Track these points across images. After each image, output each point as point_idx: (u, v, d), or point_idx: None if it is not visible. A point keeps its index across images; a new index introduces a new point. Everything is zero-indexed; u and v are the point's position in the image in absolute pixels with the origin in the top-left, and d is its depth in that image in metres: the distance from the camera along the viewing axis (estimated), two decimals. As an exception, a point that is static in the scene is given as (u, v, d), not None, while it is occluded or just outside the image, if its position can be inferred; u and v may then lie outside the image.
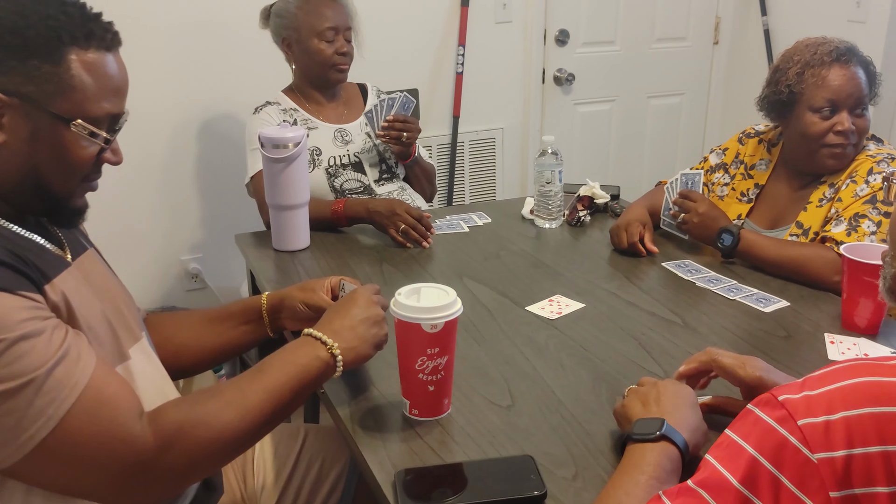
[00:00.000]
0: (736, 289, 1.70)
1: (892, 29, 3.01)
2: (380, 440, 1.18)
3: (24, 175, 1.02)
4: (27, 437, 0.90)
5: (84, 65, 1.01)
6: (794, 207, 1.87)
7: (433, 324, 1.15)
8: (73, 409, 0.93)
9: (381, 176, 2.38)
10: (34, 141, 1.01)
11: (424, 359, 1.17)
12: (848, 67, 1.77)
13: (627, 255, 1.90)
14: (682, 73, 3.72)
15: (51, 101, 1.00)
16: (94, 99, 1.02)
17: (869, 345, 1.45)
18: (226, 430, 1.03)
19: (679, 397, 1.10)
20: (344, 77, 2.34)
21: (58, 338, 0.94)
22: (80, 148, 1.04)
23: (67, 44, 1.00)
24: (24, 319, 0.91)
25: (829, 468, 0.73)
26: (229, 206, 2.94)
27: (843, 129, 1.75)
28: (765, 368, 1.17)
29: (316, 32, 2.25)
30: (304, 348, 1.15)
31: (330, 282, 1.40)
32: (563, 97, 3.50)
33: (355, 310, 1.21)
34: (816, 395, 0.76)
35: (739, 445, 0.78)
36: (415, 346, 1.17)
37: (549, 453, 1.14)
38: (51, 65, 0.99)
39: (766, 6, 3.50)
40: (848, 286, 1.51)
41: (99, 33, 1.03)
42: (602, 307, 1.63)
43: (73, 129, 1.02)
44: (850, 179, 1.76)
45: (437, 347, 1.17)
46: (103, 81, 1.03)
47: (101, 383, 0.96)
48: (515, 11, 3.28)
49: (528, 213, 2.19)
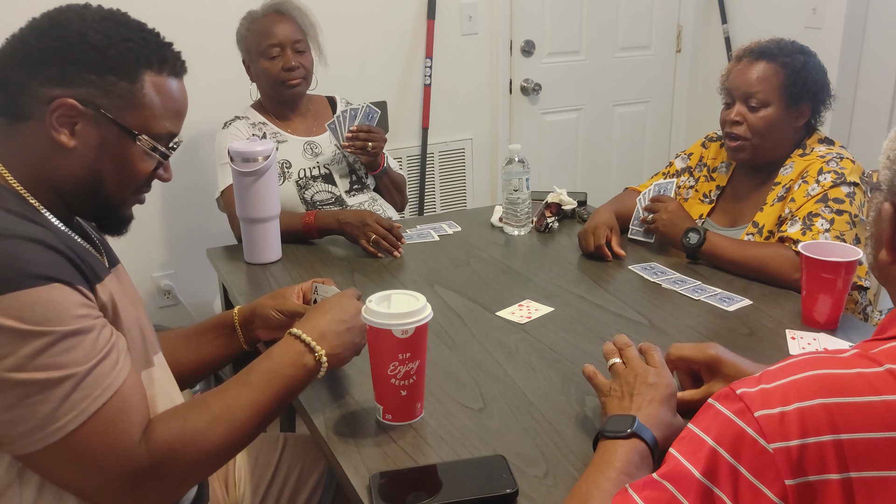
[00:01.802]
0: (700, 289, 1.74)
1: (847, 34, 3.10)
2: (354, 445, 1.20)
3: (86, 180, 1.08)
4: (56, 428, 0.94)
5: (155, 86, 1.09)
6: (751, 207, 1.93)
7: (404, 329, 1.17)
8: (101, 409, 0.97)
9: (352, 187, 2.40)
10: (101, 150, 1.07)
11: (396, 364, 1.19)
12: (752, 64, 1.86)
13: (595, 259, 1.93)
14: (646, 81, 3.78)
15: (121, 114, 1.07)
16: (159, 117, 1.10)
17: (828, 339, 1.50)
18: (214, 447, 1.06)
19: (656, 390, 1.12)
20: (299, 91, 2.32)
21: (104, 338, 0.99)
22: (141, 161, 1.11)
23: (143, 66, 1.07)
24: (78, 315, 0.96)
25: (784, 457, 0.76)
26: (200, 221, 2.93)
27: (728, 118, 1.90)
28: (721, 349, 1.23)
29: (260, 52, 2.26)
30: (289, 356, 1.16)
31: (301, 287, 1.42)
32: (530, 107, 3.55)
33: (343, 315, 1.23)
34: (772, 388, 0.79)
35: (700, 438, 0.81)
36: (386, 351, 1.19)
37: (521, 453, 1.16)
38: (127, 82, 1.06)
39: (725, 14, 3.58)
40: (807, 283, 1.55)
41: (171, 60, 1.11)
42: (570, 310, 1.66)
43: (138, 142, 1.09)
44: (802, 180, 1.82)
45: (408, 352, 1.19)
46: (169, 103, 1.11)
47: (128, 391, 1.01)
48: (481, 23, 3.32)
49: (497, 221, 2.22)
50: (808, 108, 1.86)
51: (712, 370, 1.21)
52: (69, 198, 1.10)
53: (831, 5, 3.11)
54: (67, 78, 1.04)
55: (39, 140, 1.05)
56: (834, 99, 1.90)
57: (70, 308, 0.95)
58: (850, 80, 3.15)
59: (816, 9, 3.16)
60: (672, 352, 1.25)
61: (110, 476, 0.98)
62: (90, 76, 1.04)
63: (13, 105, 1.05)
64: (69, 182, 1.08)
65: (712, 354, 1.21)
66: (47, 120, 1.03)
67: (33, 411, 0.92)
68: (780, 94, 1.83)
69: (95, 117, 1.05)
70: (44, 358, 0.92)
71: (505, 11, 3.33)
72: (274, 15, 2.29)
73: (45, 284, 0.94)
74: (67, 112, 1.04)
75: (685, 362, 1.24)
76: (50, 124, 1.04)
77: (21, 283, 0.92)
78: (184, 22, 2.74)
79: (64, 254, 0.99)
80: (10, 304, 0.91)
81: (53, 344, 0.93)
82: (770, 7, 3.38)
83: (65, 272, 0.97)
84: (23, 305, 0.91)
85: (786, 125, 1.86)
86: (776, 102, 1.84)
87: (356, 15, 3.03)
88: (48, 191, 1.08)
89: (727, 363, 1.20)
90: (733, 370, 1.18)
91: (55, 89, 1.03)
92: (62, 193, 1.09)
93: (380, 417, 1.25)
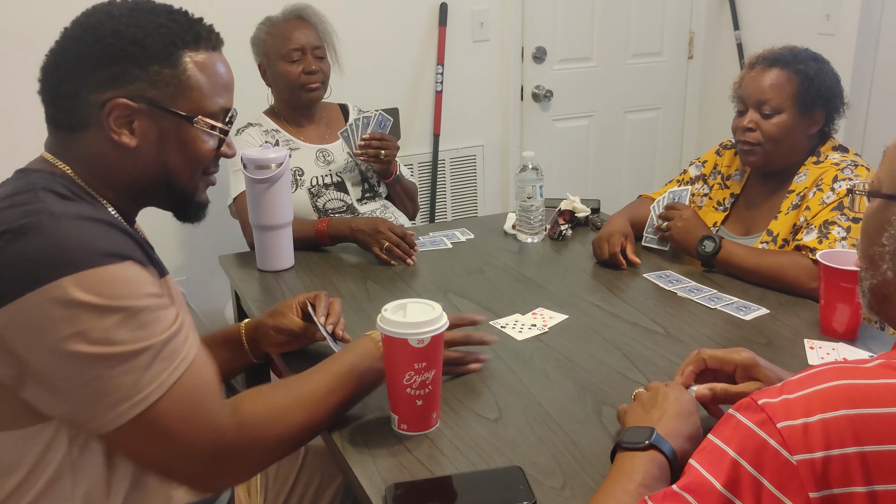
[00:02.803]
0: (716, 298, 1.72)
1: (861, 41, 3.08)
2: (369, 456, 1.19)
3: (155, 173, 1.11)
4: (142, 398, 0.95)
5: (197, 65, 1.09)
6: (765, 215, 1.92)
7: (420, 338, 1.16)
8: (181, 379, 0.99)
9: (364, 195, 2.40)
10: (162, 141, 1.09)
11: (412, 373, 1.18)
12: (765, 71, 1.86)
13: (609, 266, 1.92)
14: (657, 88, 3.77)
15: (173, 102, 1.08)
16: (209, 96, 1.11)
17: (847, 349, 1.48)
18: (297, 427, 1.11)
19: (678, 403, 1.12)
20: (317, 96, 2.34)
21: (172, 314, 1.02)
22: (203, 143, 1.12)
23: (181, 47, 1.08)
24: (150, 293, 0.99)
25: (808, 469, 0.74)
26: (212, 228, 2.91)
27: (740, 125, 1.90)
28: (755, 354, 1.21)
29: (281, 55, 2.27)
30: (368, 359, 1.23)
31: (297, 301, 1.43)
32: (541, 113, 3.54)
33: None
34: (795, 399, 0.78)
35: (721, 449, 0.80)
36: (402, 361, 1.18)
37: (537, 464, 1.15)
38: (169, 69, 1.07)
39: (738, 21, 3.57)
40: (825, 292, 1.54)
41: (205, 35, 1.11)
42: (585, 319, 1.65)
43: (196, 125, 1.10)
44: (817, 188, 1.80)
45: (424, 362, 1.18)
46: (215, 79, 1.12)
47: (201, 365, 1.03)
48: (493, 30, 3.32)
49: (510, 229, 2.21)
50: (822, 115, 1.85)
51: (748, 373, 1.19)
52: (142, 194, 1.13)
53: (845, 12, 3.10)
54: (114, 78, 1.05)
55: (102, 146, 1.07)
56: (847, 107, 1.89)
57: (143, 285, 0.98)
58: (863, 86, 3.13)
59: (830, 15, 3.15)
60: (704, 350, 1.23)
61: (195, 449, 1.00)
62: (135, 71, 1.05)
63: (69, 117, 1.07)
64: (140, 179, 1.10)
65: (749, 356, 1.20)
66: (105, 124, 1.05)
67: (117, 384, 0.94)
68: (793, 101, 1.82)
69: (150, 111, 1.07)
70: (123, 331, 0.94)
71: (516, 18, 3.33)
72: (295, 20, 2.31)
73: (120, 262, 0.96)
74: (122, 112, 1.05)
75: (719, 362, 1.22)
76: (109, 128, 1.05)
77: (97, 260, 0.94)
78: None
79: (135, 238, 1.02)
80: (89, 280, 0.93)
81: (131, 318, 0.95)
82: (783, 13, 3.37)
83: (136, 253, 1.00)
84: (101, 281, 0.94)
85: (799, 132, 1.85)
86: (789, 109, 1.83)
87: (368, 22, 3.03)
88: (117, 192, 1.10)
89: (763, 366, 1.19)
90: (770, 374, 1.17)
91: (105, 92, 1.04)
92: (134, 192, 1.12)
93: (395, 427, 1.24)
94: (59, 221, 0.96)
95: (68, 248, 0.94)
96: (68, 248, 0.94)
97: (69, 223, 0.96)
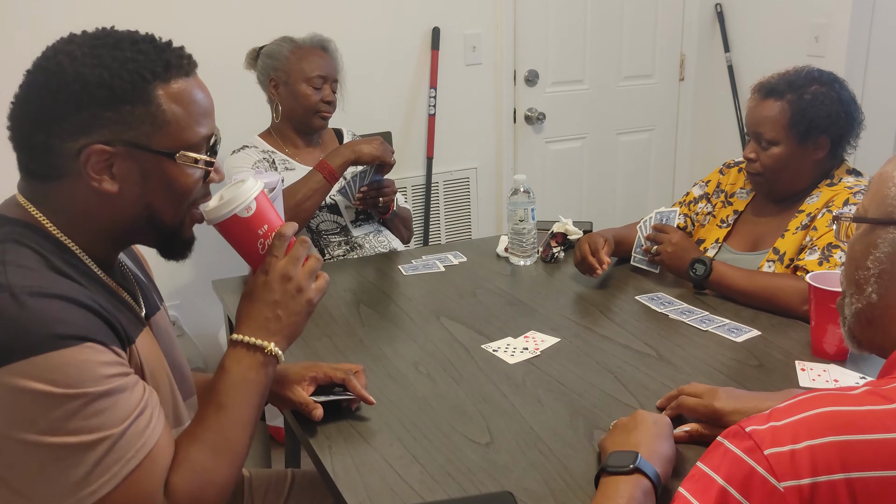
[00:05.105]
0: (708, 319, 1.73)
1: (850, 62, 3.10)
2: (360, 481, 1.18)
3: (139, 214, 1.06)
4: (89, 493, 0.92)
5: (171, 97, 1.03)
6: (772, 233, 1.90)
7: (245, 206, 1.13)
8: (135, 473, 0.95)
9: (358, 217, 2.41)
10: (145, 181, 1.04)
11: (262, 241, 1.15)
12: (760, 102, 1.86)
13: (598, 287, 1.92)
14: (650, 110, 3.79)
15: (151, 139, 1.02)
16: (188, 127, 1.05)
17: (838, 371, 1.48)
18: (225, 478, 1.06)
19: (656, 426, 1.14)
20: (325, 124, 2.41)
21: (136, 396, 0.97)
22: (187, 176, 1.07)
23: (151, 81, 1.01)
24: (110, 375, 0.94)
25: (795, 496, 0.75)
26: (206, 253, 2.92)
27: (744, 155, 1.92)
28: (738, 396, 1.22)
29: (305, 78, 2.32)
30: (243, 363, 1.12)
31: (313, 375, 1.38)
32: (534, 136, 3.56)
33: (270, 295, 1.14)
34: (782, 426, 0.78)
35: (710, 477, 0.80)
36: (246, 237, 1.15)
37: (529, 489, 1.15)
38: (142, 106, 1.01)
39: (728, 43, 3.60)
40: (816, 314, 1.54)
41: (175, 62, 1.05)
42: (577, 342, 1.65)
43: (179, 161, 1.05)
44: (826, 209, 1.79)
45: (264, 225, 1.15)
46: (192, 108, 1.05)
47: (160, 451, 0.99)
48: (485, 53, 3.34)
49: (502, 252, 2.22)
50: (826, 140, 1.82)
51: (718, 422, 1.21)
52: (125, 235, 1.09)
53: (833, 33, 3.13)
54: (86, 125, 0.99)
55: (81, 193, 1.02)
56: (863, 128, 1.86)
57: (102, 368, 0.93)
58: (853, 107, 3.15)
59: (819, 37, 3.18)
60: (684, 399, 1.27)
61: None
62: (106, 114, 1.00)
63: (43, 167, 1.02)
64: (122, 222, 1.06)
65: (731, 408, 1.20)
66: (84, 172, 1.00)
67: (67, 475, 0.91)
68: (787, 133, 1.81)
69: (128, 152, 1.02)
70: (77, 421, 0.91)
71: (508, 41, 3.36)
72: (320, 50, 2.37)
73: (77, 345, 0.92)
74: (100, 158, 1.00)
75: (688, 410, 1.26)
76: (88, 175, 1.01)
77: (51, 344, 0.90)
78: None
79: (97, 312, 0.97)
80: (42, 366, 0.89)
81: (86, 406, 0.91)
82: (772, 36, 3.40)
83: (96, 330, 0.95)
84: (54, 368, 0.90)
85: (800, 160, 1.84)
86: (784, 140, 1.82)
87: (361, 46, 3.05)
88: (97, 237, 1.06)
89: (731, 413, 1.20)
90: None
91: (79, 140, 0.99)
92: (116, 234, 1.07)
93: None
94: (16, 300, 0.91)
95: (22, 332, 0.90)
96: (22, 332, 0.90)
97: (27, 303, 0.91)
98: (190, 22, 2.76)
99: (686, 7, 3.68)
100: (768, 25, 3.41)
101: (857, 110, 1.85)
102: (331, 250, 2.37)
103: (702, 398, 1.23)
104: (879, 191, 0.91)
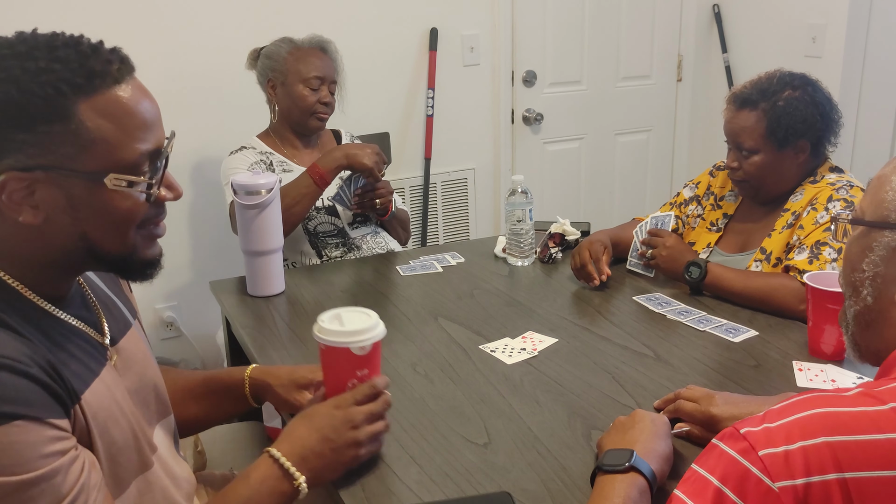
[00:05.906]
0: (705, 320, 1.73)
1: (847, 63, 3.11)
2: (358, 483, 1.18)
3: (74, 245, 0.94)
4: None
5: (97, 112, 0.89)
6: (759, 234, 1.92)
7: (362, 346, 1.15)
8: None
9: (355, 219, 2.41)
10: (74, 210, 0.91)
11: (355, 381, 1.17)
12: (737, 112, 1.87)
13: (596, 288, 1.93)
14: (647, 110, 3.80)
15: (76, 161, 0.89)
16: (122, 144, 0.91)
17: (836, 371, 1.49)
18: None
19: (654, 425, 1.14)
20: (322, 126, 2.40)
21: (71, 479, 0.87)
22: (123, 201, 0.93)
23: (70, 96, 0.87)
24: (45, 455, 0.84)
25: (790, 496, 0.75)
26: (203, 254, 2.94)
27: (727, 163, 1.93)
28: (735, 402, 1.22)
29: (302, 79, 2.31)
30: (267, 483, 1.06)
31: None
32: (532, 136, 3.56)
33: (332, 433, 1.11)
34: (776, 427, 0.79)
35: (705, 479, 0.81)
36: (345, 370, 1.17)
37: (527, 489, 1.15)
38: (60, 124, 0.87)
39: (725, 43, 3.61)
40: (813, 314, 1.54)
41: (101, 70, 0.90)
42: (575, 342, 1.65)
43: (110, 184, 0.91)
44: (811, 207, 1.80)
45: (366, 369, 1.17)
46: (126, 121, 0.91)
47: None
48: (483, 54, 3.35)
49: (500, 252, 2.22)
50: (806, 143, 1.83)
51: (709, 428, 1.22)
52: (68, 267, 0.97)
53: (831, 34, 3.13)
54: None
55: (5, 226, 0.91)
56: (841, 126, 1.87)
57: (33, 448, 0.83)
58: (851, 108, 3.15)
59: (816, 38, 3.18)
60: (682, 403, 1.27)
61: None
62: (19, 136, 0.86)
63: None
64: (58, 254, 0.94)
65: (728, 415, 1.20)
66: (0, 203, 0.89)
67: None
68: (766, 141, 1.82)
69: (49, 178, 0.88)
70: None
71: (506, 42, 3.36)
72: (318, 51, 2.36)
73: (5, 424, 0.81)
74: (16, 186, 0.88)
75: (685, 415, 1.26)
76: (6, 206, 0.89)
77: None
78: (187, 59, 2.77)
79: (33, 377, 0.86)
80: None
81: (12, 494, 0.82)
82: (770, 36, 3.40)
83: (30, 402, 0.84)
84: None
85: (783, 165, 1.85)
86: (763, 148, 1.83)
87: (359, 47, 3.06)
88: (34, 272, 0.94)
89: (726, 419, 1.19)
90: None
91: None
92: (56, 267, 0.96)
93: None
94: None
95: None
96: None
97: None
98: (190, 22, 2.76)
99: (684, 8, 3.69)
100: (766, 26, 3.41)
101: (834, 110, 1.86)
102: (328, 252, 2.37)
103: (699, 404, 1.23)
104: (877, 194, 0.91)
